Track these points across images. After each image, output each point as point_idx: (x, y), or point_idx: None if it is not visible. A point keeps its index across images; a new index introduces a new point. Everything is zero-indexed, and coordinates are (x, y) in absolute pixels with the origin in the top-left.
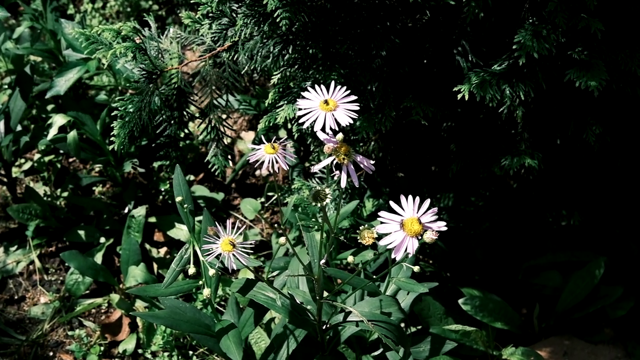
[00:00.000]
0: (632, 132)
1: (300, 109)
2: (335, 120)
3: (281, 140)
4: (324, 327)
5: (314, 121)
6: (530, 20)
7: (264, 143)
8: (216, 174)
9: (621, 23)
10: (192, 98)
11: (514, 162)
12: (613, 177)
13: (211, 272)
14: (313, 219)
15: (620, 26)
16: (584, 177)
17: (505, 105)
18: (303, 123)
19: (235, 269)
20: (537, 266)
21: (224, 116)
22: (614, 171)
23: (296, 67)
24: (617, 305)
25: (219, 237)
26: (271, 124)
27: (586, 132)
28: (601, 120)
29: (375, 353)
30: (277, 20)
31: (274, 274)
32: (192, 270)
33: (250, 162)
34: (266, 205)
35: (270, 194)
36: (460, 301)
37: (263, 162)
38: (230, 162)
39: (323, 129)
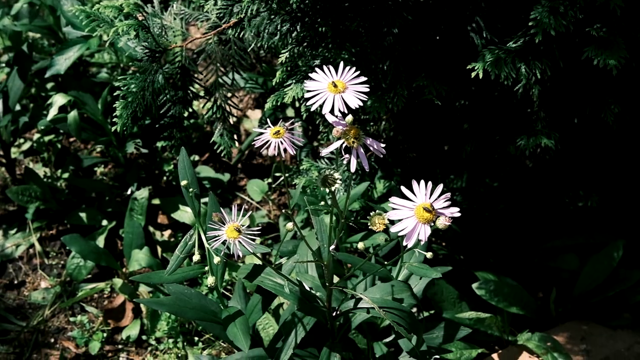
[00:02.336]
0: None
1: (308, 91)
2: (344, 102)
3: (289, 122)
4: (334, 314)
5: (322, 103)
6: None
7: (269, 126)
8: (222, 154)
9: None
10: (196, 76)
11: (529, 142)
12: (632, 157)
13: (216, 259)
14: (322, 202)
15: None
16: (601, 157)
17: (521, 84)
18: (311, 105)
19: (240, 256)
20: (554, 249)
21: (229, 95)
22: (632, 151)
23: (305, 45)
24: (636, 289)
25: (224, 223)
26: (279, 103)
27: (604, 111)
28: (620, 99)
29: (387, 340)
30: None
31: (282, 259)
32: (196, 257)
33: (255, 147)
34: (273, 186)
35: (277, 174)
36: (474, 285)
37: (269, 145)
38: (237, 142)
39: (332, 112)
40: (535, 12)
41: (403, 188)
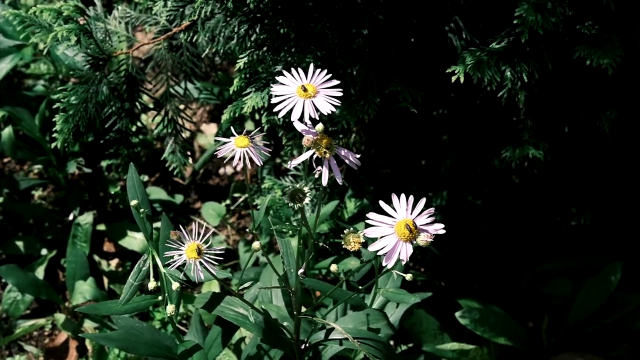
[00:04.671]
0: None
1: (274, 96)
2: (315, 108)
3: (252, 134)
4: (302, 347)
5: (291, 110)
6: None
7: (233, 135)
8: (174, 173)
9: None
10: (145, 86)
11: (516, 153)
12: (629, 170)
13: (174, 285)
14: (287, 223)
15: None
16: (596, 169)
17: (506, 89)
18: (278, 112)
19: (202, 279)
20: (545, 272)
21: (182, 107)
22: (630, 162)
23: (265, 49)
24: (636, 315)
25: (183, 243)
26: (237, 115)
27: (599, 117)
28: (616, 103)
29: None
30: None
31: (244, 286)
32: (152, 284)
33: (218, 156)
34: (232, 208)
35: (236, 195)
36: (457, 314)
37: (232, 158)
38: (190, 160)
39: (301, 119)
40: (520, 9)
41: (382, 203)
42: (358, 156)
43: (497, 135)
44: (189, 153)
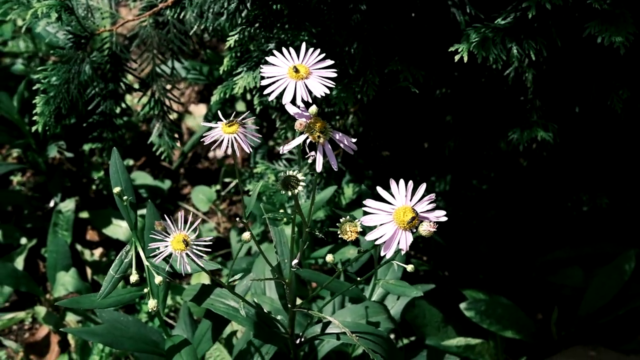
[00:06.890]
0: None
1: (264, 77)
2: (308, 90)
3: (242, 117)
4: (297, 342)
5: (282, 92)
6: None
7: (220, 120)
8: (162, 157)
9: None
10: (129, 66)
11: (523, 135)
12: None
13: (158, 279)
14: (281, 210)
15: None
16: (608, 152)
17: (512, 68)
18: (268, 95)
19: (189, 272)
20: (555, 261)
21: (169, 87)
22: None
23: (257, 25)
24: None
25: (169, 234)
26: (227, 96)
27: (611, 97)
28: (629, 82)
29: None
30: None
31: (235, 277)
32: (134, 277)
33: (205, 143)
34: (222, 194)
35: (227, 180)
36: (462, 306)
37: (220, 144)
38: (178, 143)
39: (293, 102)
40: None
41: (379, 189)
42: (354, 140)
43: (504, 115)
44: (176, 136)
